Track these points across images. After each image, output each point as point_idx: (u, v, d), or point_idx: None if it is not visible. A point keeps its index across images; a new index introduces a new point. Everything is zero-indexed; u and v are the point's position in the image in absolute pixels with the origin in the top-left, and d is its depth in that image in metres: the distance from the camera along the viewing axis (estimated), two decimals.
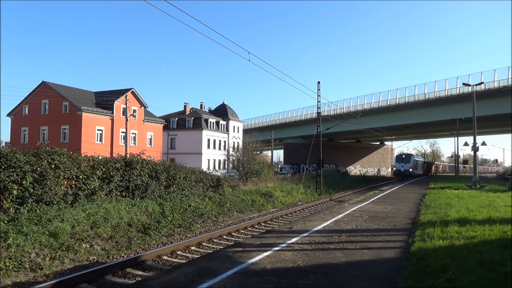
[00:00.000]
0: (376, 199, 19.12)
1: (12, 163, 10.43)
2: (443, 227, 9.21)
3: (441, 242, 7.68)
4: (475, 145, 29.87)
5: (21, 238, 8.76)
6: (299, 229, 9.98)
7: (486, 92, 37.47)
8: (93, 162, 13.60)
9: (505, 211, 12.69)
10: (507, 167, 78.35)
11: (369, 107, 50.90)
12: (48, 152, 11.92)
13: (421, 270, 5.72)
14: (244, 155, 32.90)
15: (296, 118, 64.61)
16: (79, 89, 45.40)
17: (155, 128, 50.91)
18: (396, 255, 7.29)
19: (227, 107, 70.62)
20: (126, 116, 39.27)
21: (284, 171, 55.22)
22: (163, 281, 5.53)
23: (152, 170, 15.95)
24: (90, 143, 37.71)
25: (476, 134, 30.18)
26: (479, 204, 14.82)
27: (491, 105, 38.12)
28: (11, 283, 7.48)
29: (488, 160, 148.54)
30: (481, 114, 36.39)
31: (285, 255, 7.09)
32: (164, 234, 12.36)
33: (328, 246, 7.90)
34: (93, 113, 41.94)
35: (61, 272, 8.34)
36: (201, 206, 16.14)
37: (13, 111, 46.42)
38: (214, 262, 6.57)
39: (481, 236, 8.28)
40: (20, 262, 8.11)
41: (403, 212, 13.91)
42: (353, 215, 12.85)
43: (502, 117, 40.08)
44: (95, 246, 10.09)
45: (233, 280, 5.52)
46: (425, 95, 44.54)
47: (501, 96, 37.18)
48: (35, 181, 10.85)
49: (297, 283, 5.38)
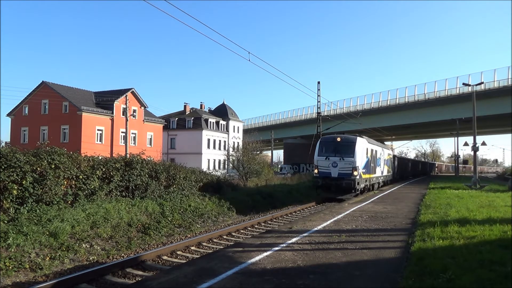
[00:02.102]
0: (376, 199, 19.12)
1: (12, 163, 10.43)
2: (443, 227, 9.21)
3: (441, 242, 7.68)
4: (475, 145, 29.88)
5: (21, 238, 8.75)
6: (299, 229, 9.98)
7: (486, 92, 37.51)
8: (93, 162, 13.59)
9: (505, 211, 12.69)
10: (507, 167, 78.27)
11: (369, 107, 50.92)
12: (48, 152, 11.91)
13: (421, 270, 5.72)
14: (244, 155, 32.92)
15: (296, 118, 64.63)
16: (79, 89, 45.42)
17: (155, 128, 50.91)
18: (396, 255, 7.29)
19: (227, 107, 70.65)
20: (126, 116, 39.27)
21: (284, 171, 55.24)
22: (163, 281, 5.53)
23: (152, 170, 15.95)
24: (90, 143, 37.71)
25: (476, 134, 30.20)
26: (479, 204, 14.82)
27: (491, 105, 38.14)
28: (11, 283, 7.48)
29: (488, 160, 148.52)
30: (481, 114, 36.41)
31: (285, 255, 7.09)
32: (164, 234, 12.36)
33: (328, 246, 7.90)
34: (93, 113, 41.95)
35: (61, 272, 8.34)
36: (201, 206, 16.13)
37: (13, 111, 46.42)
38: (214, 262, 6.57)
39: (481, 236, 8.29)
40: (20, 262, 8.10)
41: (403, 212, 13.91)
42: (353, 215, 12.85)
43: (502, 117, 40.10)
44: (95, 246, 10.08)
45: (233, 280, 5.52)
46: (425, 95, 44.58)
47: (501, 96, 37.22)
48: (35, 181, 10.84)
49: (297, 283, 5.38)
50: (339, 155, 20.28)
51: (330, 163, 20.37)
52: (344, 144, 20.77)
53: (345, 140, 21.04)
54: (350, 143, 20.79)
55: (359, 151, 20.62)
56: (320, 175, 20.63)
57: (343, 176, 19.92)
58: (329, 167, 20.33)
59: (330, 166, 20.31)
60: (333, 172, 20.21)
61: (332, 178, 20.14)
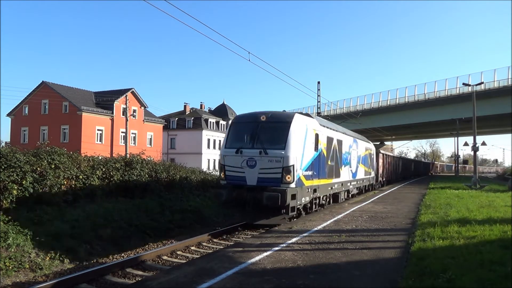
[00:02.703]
0: (376, 199, 19.12)
1: (12, 163, 10.44)
2: (443, 227, 9.21)
3: (441, 242, 7.68)
4: (475, 145, 29.89)
5: (21, 238, 8.76)
6: (299, 229, 9.98)
7: (486, 92, 37.48)
8: (93, 162, 13.62)
9: (505, 211, 12.70)
10: (507, 167, 78.32)
11: (369, 107, 50.88)
12: (48, 152, 11.93)
13: (421, 270, 5.72)
14: None
15: None
16: (79, 89, 45.44)
17: (155, 128, 50.92)
18: (396, 255, 7.29)
19: (227, 107, 70.67)
20: (126, 116, 39.27)
21: None
22: (163, 281, 5.53)
23: (152, 170, 15.97)
24: (90, 143, 37.73)
25: (476, 134, 30.21)
26: (479, 204, 14.82)
27: (491, 105, 38.10)
28: (11, 283, 7.49)
29: (488, 160, 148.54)
30: (481, 114, 36.38)
31: (285, 255, 7.09)
32: (164, 234, 12.36)
33: (328, 246, 7.90)
34: (93, 113, 41.96)
35: (61, 272, 8.35)
36: (201, 206, 16.14)
37: (13, 111, 46.44)
38: (214, 262, 6.57)
39: (481, 236, 8.29)
40: (20, 262, 8.11)
41: (403, 212, 13.91)
42: (353, 215, 12.85)
43: (502, 117, 40.08)
44: (95, 246, 10.09)
45: (233, 280, 5.52)
46: (425, 95, 44.54)
47: (501, 96, 37.18)
48: (35, 181, 10.85)
49: (297, 283, 5.38)
50: (260, 146, 11.37)
51: (245, 160, 11.40)
52: (271, 127, 11.80)
53: (274, 120, 11.91)
54: (282, 123, 11.74)
55: (296, 137, 11.53)
56: (229, 181, 11.75)
57: (265, 183, 11.09)
58: (242, 168, 11.45)
59: (245, 165, 11.39)
60: (249, 177, 11.35)
61: (247, 188, 11.20)
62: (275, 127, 11.82)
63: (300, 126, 11.98)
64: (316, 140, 13.03)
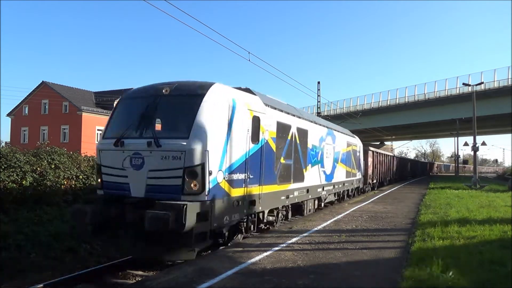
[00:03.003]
0: (376, 199, 19.12)
1: (12, 163, 10.45)
2: (443, 227, 9.21)
3: (441, 242, 7.69)
4: (475, 145, 29.91)
5: (21, 238, 8.75)
6: (299, 229, 9.98)
7: (486, 92, 37.48)
8: (93, 162, 13.61)
9: (505, 211, 12.70)
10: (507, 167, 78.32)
11: (369, 107, 50.88)
12: (48, 152, 11.94)
13: (421, 270, 5.71)
14: None
15: None
16: (79, 89, 45.44)
17: None
18: (396, 255, 7.29)
19: None
20: None
21: None
22: (163, 281, 5.53)
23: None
24: (90, 143, 37.63)
25: (476, 134, 30.23)
26: (479, 204, 14.83)
27: (491, 105, 38.11)
28: (11, 283, 7.47)
29: (488, 160, 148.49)
30: (481, 114, 36.38)
31: (285, 255, 7.09)
32: None
33: (328, 246, 7.90)
34: (93, 113, 41.95)
35: (61, 272, 8.33)
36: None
37: (13, 111, 46.44)
38: (214, 262, 6.57)
39: (481, 236, 8.30)
40: (20, 262, 8.10)
41: (403, 212, 13.91)
42: (353, 215, 12.85)
43: (502, 117, 40.09)
44: (95, 246, 10.07)
45: (233, 280, 5.52)
46: (425, 95, 44.55)
47: (501, 96, 37.19)
48: (35, 181, 10.85)
49: (297, 283, 5.38)
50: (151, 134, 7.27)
51: (128, 157, 7.15)
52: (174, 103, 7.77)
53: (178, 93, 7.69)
54: (189, 97, 7.52)
55: (213, 119, 7.24)
56: (106, 191, 7.60)
57: (157, 194, 6.85)
58: (125, 170, 7.18)
59: (129, 165, 7.14)
60: (133, 185, 7.11)
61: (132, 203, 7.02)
62: (180, 103, 7.61)
63: (221, 102, 7.55)
64: (256, 127, 8.59)
